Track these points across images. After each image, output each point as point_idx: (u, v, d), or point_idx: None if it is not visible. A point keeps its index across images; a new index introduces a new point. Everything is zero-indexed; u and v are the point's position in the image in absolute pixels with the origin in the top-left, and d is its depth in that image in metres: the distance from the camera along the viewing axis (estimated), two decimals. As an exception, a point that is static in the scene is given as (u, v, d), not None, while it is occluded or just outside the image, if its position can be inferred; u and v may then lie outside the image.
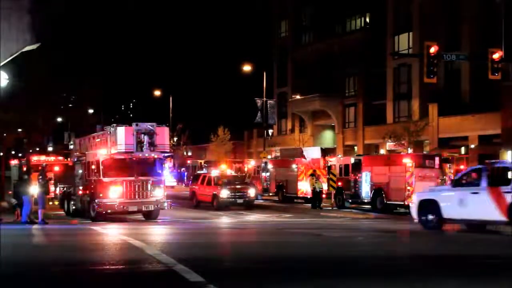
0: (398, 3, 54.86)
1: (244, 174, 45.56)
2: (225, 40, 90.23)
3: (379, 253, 14.95)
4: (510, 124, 40.02)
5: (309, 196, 38.10)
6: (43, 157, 44.11)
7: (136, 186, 26.88)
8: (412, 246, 17.58)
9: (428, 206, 20.75)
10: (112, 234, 20.29)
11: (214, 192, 35.91)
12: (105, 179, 26.68)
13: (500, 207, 18.80)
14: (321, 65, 64.25)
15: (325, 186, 36.73)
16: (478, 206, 19.36)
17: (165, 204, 27.45)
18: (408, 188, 31.16)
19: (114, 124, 28.60)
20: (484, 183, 19.46)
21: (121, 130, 26.87)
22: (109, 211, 26.64)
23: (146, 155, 27.03)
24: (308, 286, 10.28)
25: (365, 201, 34.61)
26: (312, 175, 36.97)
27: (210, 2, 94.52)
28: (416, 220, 21.54)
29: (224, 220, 28.80)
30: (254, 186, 38.73)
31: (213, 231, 23.28)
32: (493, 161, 23.58)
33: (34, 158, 43.83)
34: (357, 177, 35.04)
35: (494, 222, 19.86)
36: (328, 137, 66.38)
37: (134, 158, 26.93)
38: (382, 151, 52.38)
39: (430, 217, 20.75)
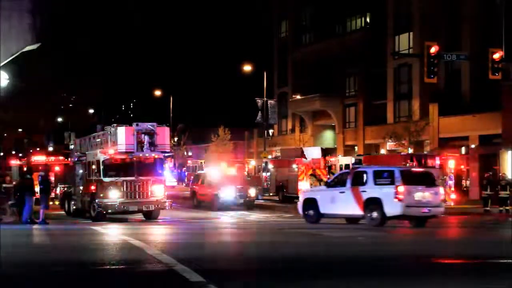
0: (398, 3, 54.82)
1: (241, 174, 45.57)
2: (225, 40, 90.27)
3: (379, 253, 14.96)
4: (511, 124, 39.98)
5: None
6: (44, 157, 44.13)
7: (137, 186, 26.90)
8: (412, 246, 17.58)
9: (309, 203, 24.55)
10: (112, 234, 20.30)
11: (215, 192, 35.91)
12: (106, 179, 26.69)
13: (358, 203, 22.78)
14: (321, 65, 64.19)
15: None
16: (344, 203, 23.27)
17: (166, 204, 27.47)
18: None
19: (115, 124, 28.65)
20: (348, 184, 23.36)
21: (121, 130, 26.89)
22: (109, 211, 26.65)
23: (147, 155, 27.05)
24: (308, 286, 10.28)
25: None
26: (312, 175, 36.96)
27: (210, 2, 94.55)
28: (301, 215, 25.18)
29: (225, 220, 28.81)
30: (255, 186, 38.75)
31: (213, 231, 23.29)
32: (356, 166, 28.42)
33: (35, 158, 43.88)
34: (357, 177, 34.99)
35: (355, 216, 23.42)
36: (328, 137, 66.36)
37: (134, 158, 26.95)
38: (383, 151, 52.36)
39: (311, 212, 24.52)
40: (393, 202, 22.03)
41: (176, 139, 77.37)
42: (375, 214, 22.43)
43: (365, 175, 23.13)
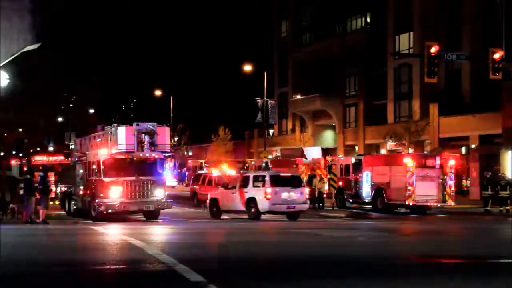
0: (399, 3, 54.81)
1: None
2: (225, 40, 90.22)
3: (379, 253, 14.95)
4: (511, 124, 39.99)
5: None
6: (45, 157, 44.15)
7: (137, 186, 26.89)
8: (412, 246, 17.58)
9: (213, 202, 29.62)
10: (113, 234, 20.30)
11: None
12: (106, 179, 26.67)
13: (242, 201, 27.63)
14: (321, 65, 64.21)
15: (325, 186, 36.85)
16: (234, 200, 28.18)
17: (166, 204, 27.46)
18: (409, 188, 31.16)
19: (115, 124, 28.63)
20: (238, 186, 28.27)
21: (122, 130, 26.88)
22: (110, 211, 26.61)
23: (147, 155, 27.05)
24: (308, 286, 10.28)
25: (366, 201, 34.61)
26: (312, 176, 36.88)
27: (210, 2, 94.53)
28: (208, 212, 29.80)
29: (225, 220, 28.79)
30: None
31: (213, 231, 23.28)
32: (245, 171, 35.03)
33: (37, 158, 43.88)
34: (357, 177, 35.02)
35: (241, 211, 28.07)
36: (328, 137, 66.36)
37: (135, 158, 26.94)
38: (383, 151, 52.37)
39: (214, 209, 29.57)
40: (263, 200, 26.96)
41: (176, 139, 77.36)
42: (252, 210, 27.31)
43: (248, 179, 28.24)
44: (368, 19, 60.33)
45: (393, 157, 36.98)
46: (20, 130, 55.97)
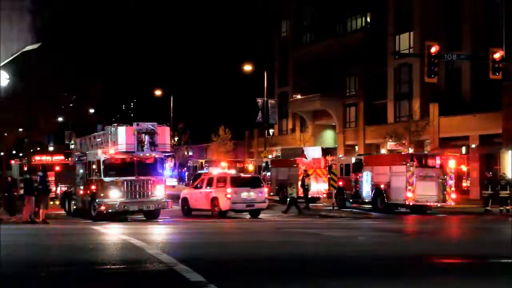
0: (399, 3, 54.80)
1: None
2: (225, 40, 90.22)
3: (379, 252, 14.95)
4: (511, 124, 39.97)
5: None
6: (45, 157, 44.14)
7: (137, 185, 26.92)
8: (412, 246, 17.58)
9: (184, 201, 31.60)
10: (113, 233, 20.30)
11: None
12: (106, 179, 26.69)
13: (208, 201, 29.73)
14: (321, 65, 64.18)
15: (322, 186, 36.94)
16: (201, 200, 30.29)
17: (166, 204, 27.48)
18: (409, 187, 31.15)
19: (115, 124, 28.65)
20: (204, 186, 30.48)
21: (122, 130, 26.90)
22: (110, 210, 26.63)
23: (147, 154, 27.07)
24: (308, 286, 10.28)
25: (366, 200, 34.60)
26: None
27: (211, 2, 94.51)
28: (180, 209, 31.43)
29: (224, 220, 28.80)
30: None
31: (213, 231, 23.28)
32: (207, 173, 36.77)
33: (37, 158, 43.88)
34: (358, 177, 35.01)
35: (207, 210, 29.78)
36: (329, 137, 66.36)
37: (135, 158, 26.97)
38: (383, 151, 52.35)
39: (185, 207, 31.36)
40: (225, 200, 28.91)
41: (176, 138, 77.34)
42: (216, 209, 29.23)
43: (212, 180, 30.32)
44: (368, 19, 60.31)
45: (393, 157, 36.95)
46: (20, 130, 55.90)
